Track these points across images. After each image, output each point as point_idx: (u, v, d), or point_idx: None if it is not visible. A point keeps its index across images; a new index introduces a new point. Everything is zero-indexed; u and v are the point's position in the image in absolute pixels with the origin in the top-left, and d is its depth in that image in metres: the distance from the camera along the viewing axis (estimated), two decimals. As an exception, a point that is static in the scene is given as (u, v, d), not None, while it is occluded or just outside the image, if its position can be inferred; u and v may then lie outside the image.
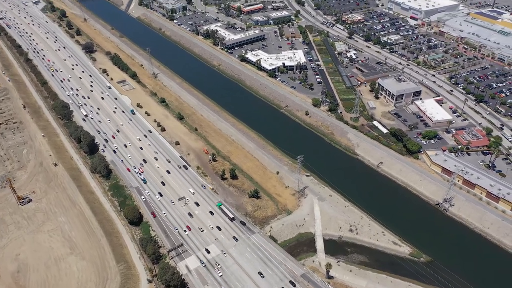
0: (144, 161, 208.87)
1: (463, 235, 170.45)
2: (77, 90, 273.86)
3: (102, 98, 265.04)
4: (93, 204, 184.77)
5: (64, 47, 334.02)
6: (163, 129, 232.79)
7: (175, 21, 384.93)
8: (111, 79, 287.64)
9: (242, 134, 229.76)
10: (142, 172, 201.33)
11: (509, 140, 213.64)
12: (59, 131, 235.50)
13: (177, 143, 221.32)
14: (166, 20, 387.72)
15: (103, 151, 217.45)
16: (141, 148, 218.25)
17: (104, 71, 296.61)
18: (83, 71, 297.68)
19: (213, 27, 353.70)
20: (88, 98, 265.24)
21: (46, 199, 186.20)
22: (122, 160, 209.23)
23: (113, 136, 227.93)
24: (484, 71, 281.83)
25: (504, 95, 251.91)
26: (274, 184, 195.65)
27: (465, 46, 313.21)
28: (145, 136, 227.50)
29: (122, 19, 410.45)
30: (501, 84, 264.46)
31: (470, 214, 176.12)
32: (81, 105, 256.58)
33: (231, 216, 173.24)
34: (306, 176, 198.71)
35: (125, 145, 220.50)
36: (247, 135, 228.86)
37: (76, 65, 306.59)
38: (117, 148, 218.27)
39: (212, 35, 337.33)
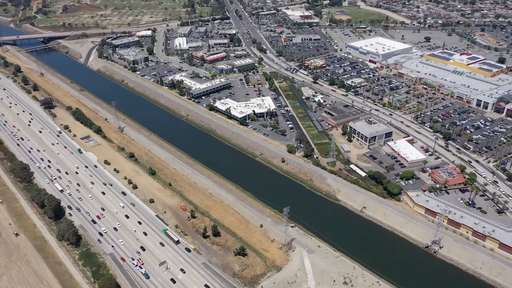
0: (143, 248, 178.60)
1: (458, 278, 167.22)
2: (49, 161, 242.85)
3: (77, 167, 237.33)
4: (62, 277, 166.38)
5: (23, 111, 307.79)
6: (135, 187, 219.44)
7: (137, 72, 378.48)
8: (74, 135, 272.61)
9: (220, 186, 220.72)
10: (143, 264, 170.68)
11: (483, 176, 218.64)
12: (19, 195, 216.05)
13: (152, 201, 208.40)
14: (128, 72, 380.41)
15: (70, 215, 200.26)
16: (125, 217, 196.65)
17: (66, 127, 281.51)
18: (55, 142, 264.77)
19: (177, 77, 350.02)
20: (67, 173, 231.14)
21: (7, 276, 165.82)
22: (112, 246, 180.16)
23: (98, 217, 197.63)
24: (446, 109, 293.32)
25: (469, 131, 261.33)
26: (259, 239, 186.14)
27: (425, 86, 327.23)
28: (132, 205, 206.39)
29: (81, 72, 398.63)
30: (464, 121, 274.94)
31: (460, 255, 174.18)
32: (55, 178, 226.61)
33: (176, 239, 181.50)
34: (291, 227, 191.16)
35: (115, 228, 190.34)
36: (224, 188, 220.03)
37: (43, 129, 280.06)
38: (105, 231, 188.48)
39: (178, 85, 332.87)
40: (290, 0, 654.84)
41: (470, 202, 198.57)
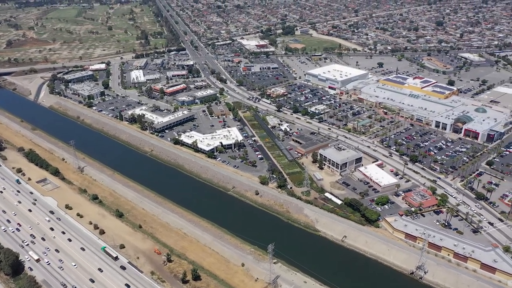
0: None
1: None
2: (18, 225, 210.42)
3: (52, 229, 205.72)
4: None
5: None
6: (102, 232, 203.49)
7: (94, 107, 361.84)
8: (29, 179, 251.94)
9: (194, 225, 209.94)
10: None
11: (453, 196, 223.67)
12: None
13: (122, 247, 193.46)
14: (83, 108, 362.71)
15: (31, 269, 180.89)
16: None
17: (19, 170, 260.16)
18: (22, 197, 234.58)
19: (138, 111, 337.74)
20: (43, 240, 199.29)
21: None
22: None
23: None
24: (408, 132, 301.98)
25: (433, 153, 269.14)
26: (242, 279, 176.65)
27: (385, 110, 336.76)
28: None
29: (32, 109, 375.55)
30: (427, 143, 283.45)
31: (445, 279, 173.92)
32: (27, 244, 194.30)
33: (115, 256, 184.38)
34: (274, 263, 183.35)
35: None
36: (199, 226, 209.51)
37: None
38: None
39: (139, 119, 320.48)
40: (244, 30, 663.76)
41: (446, 224, 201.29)
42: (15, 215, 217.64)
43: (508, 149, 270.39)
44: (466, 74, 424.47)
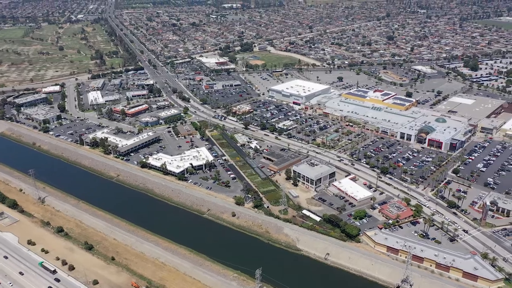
0: None
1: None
2: None
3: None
4: None
5: None
6: (71, 268, 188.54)
7: (51, 132, 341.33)
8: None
9: (171, 253, 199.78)
10: None
11: (426, 206, 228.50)
12: None
13: (96, 282, 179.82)
14: (39, 133, 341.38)
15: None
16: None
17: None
18: None
19: (99, 134, 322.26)
20: None
21: None
22: None
23: None
24: (375, 144, 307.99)
25: (401, 164, 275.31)
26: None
27: (350, 124, 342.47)
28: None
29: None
30: (394, 154, 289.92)
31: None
32: None
33: (52, 269, 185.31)
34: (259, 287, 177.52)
35: None
36: (177, 253, 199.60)
37: None
38: None
39: (102, 143, 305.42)
40: (202, 48, 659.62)
41: (424, 234, 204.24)
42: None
43: (470, 157, 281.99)
44: (421, 85, 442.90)
